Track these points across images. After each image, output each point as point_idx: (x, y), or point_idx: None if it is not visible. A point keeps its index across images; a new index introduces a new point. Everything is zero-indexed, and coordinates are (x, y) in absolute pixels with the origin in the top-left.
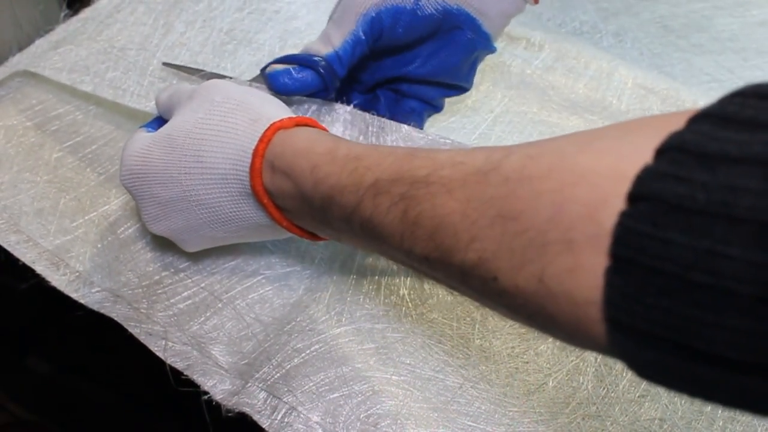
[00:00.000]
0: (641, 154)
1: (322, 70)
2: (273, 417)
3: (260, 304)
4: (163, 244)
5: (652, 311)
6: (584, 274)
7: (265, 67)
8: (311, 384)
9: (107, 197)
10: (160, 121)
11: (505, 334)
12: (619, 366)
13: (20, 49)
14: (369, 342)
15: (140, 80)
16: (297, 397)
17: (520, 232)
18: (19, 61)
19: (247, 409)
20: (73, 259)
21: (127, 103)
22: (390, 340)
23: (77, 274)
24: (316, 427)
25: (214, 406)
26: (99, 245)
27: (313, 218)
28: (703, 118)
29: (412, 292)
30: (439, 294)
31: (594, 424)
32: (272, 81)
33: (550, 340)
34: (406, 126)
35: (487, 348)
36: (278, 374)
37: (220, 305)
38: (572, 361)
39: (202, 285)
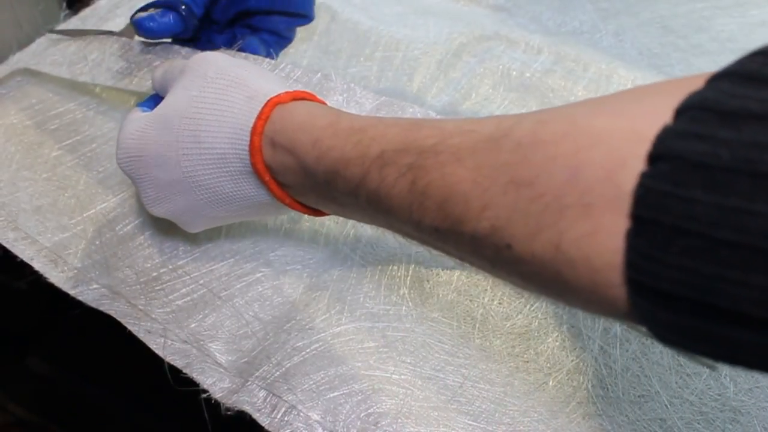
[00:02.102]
0: (660, 115)
1: (183, 13)
2: (273, 415)
3: (259, 302)
4: (162, 240)
5: (676, 272)
6: (604, 237)
7: (134, 15)
8: (311, 382)
9: (106, 195)
10: (156, 98)
11: (506, 334)
12: (619, 366)
13: (20, 48)
14: (369, 341)
15: (139, 65)
16: (297, 395)
17: (534, 197)
18: (19, 59)
19: (246, 408)
20: (72, 256)
21: (126, 87)
22: (390, 339)
23: (75, 270)
24: (317, 426)
25: (213, 405)
26: (97, 242)
27: (316, 193)
28: (723, 77)
29: (412, 291)
30: (439, 293)
31: (594, 423)
32: (138, 27)
33: (551, 339)
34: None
35: (487, 347)
36: (278, 373)
37: (218, 302)
38: (572, 360)
39: (201, 282)
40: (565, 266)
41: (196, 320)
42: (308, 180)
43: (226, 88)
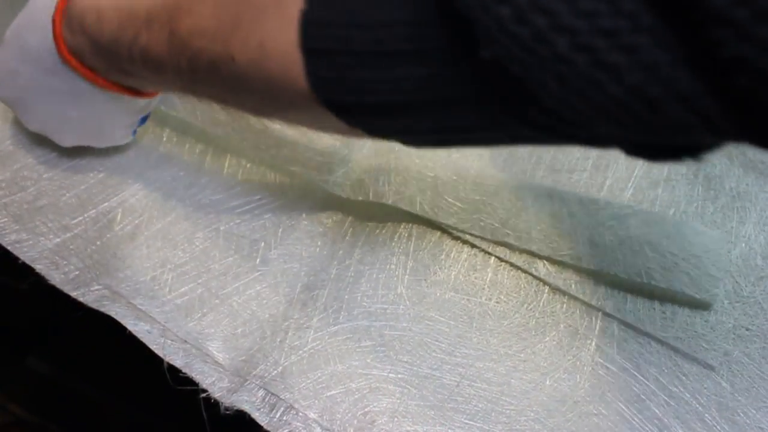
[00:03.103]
0: None
1: None
2: (272, 415)
3: (257, 301)
4: (161, 240)
5: (328, 29)
6: (289, 22)
7: None
8: (308, 381)
9: (106, 194)
10: None
11: (503, 333)
12: (616, 365)
13: None
14: (366, 340)
15: None
16: (294, 394)
17: (246, 9)
18: None
19: (245, 407)
20: (73, 257)
21: None
22: (387, 338)
23: (77, 272)
24: (314, 425)
25: (211, 405)
26: (98, 242)
27: (112, 67)
28: None
29: (409, 290)
30: (436, 292)
31: (590, 422)
32: None
33: (548, 338)
34: None
35: (484, 346)
36: (275, 371)
37: (216, 301)
38: (569, 360)
39: (199, 281)
40: (267, 60)
41: (195, 319)
42: (102, 56)
43: None
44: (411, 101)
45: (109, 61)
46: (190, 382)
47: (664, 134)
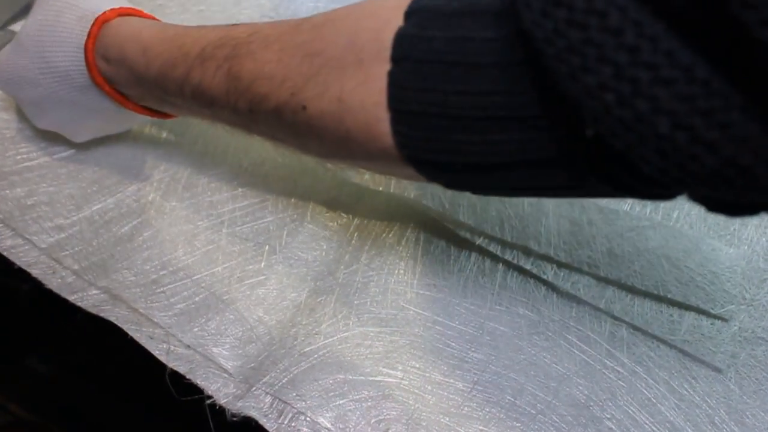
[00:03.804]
0: None
1: None
2: (280, 421)
3: (263, 306)
4: (161, 242)
5: (422, 93)
6: (372, 82)
7: None
8: (320, 389)
9: (102, 195)
10: None
11: (513, 337)
12: (626, 369)
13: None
14: (377, 346)
15: None
16: (306, 402)
17: (323, 64)
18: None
19: (253, 413)
20: (69, 258)
21: None
22: (398, 344)
23: (74, 276)
24: None
25: (217, 410)
26: (94, 242)
27: (153, 97)
28: None
29: (419, 296)
30: (446, 297)
31: (602, 427)
32: None
33: (558, 343)
34: None
35: (495, 351)
36: (285, 379)
37: (221, 306)
38: (580, 364)
39: (203, 285)
40: (346, 114)
41: (199, 324)
42: (142, 86)
43: (62, 10)
44: (503, 163)
45: (149, 92)
46: (194, 390)
47: (752, 195)
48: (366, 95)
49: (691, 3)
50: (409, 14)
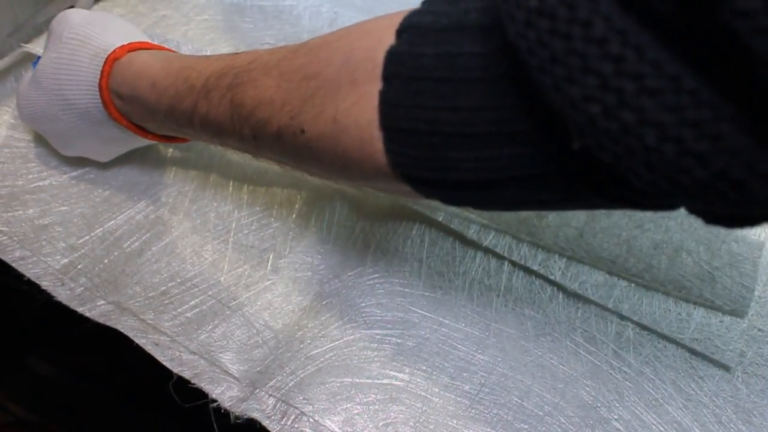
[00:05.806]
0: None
1: None
2: (283, 422)
3: (269, 311)
4: (169, 254)
5: (412, 110)
6: (366, 101)
7: None
8: (327, 392)
9: (112, 212)
10: None
11: (519, 339)
12: (633, 370)
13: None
14: (384, 349)
15: None
16: (314, 405)
17: (319, 86)
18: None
19: (256, 415)
20: (81, 276)
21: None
22: (405, 347)
23: (82, 288)
24: None
25: (221, 413)
26: (106, 260)
27: (167, 127)
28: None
29: (424, 298)
30: (452, 300)
31: (610, 428)
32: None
33: (564, 344)
34: None
35: (502, 353)
36: (292, 382)
37: (228, 312)
38: (587, 365)
39: (209, 293)
40: (341, 134)
41: (206, 331)
42: (155, 119)
43: (76, 48)
44: (496, 179)
45: (163, 124)
46: (197, 397)
47: (747, 208)
48: (360, 114)
49: (678, 11)
50: (400, 32)
